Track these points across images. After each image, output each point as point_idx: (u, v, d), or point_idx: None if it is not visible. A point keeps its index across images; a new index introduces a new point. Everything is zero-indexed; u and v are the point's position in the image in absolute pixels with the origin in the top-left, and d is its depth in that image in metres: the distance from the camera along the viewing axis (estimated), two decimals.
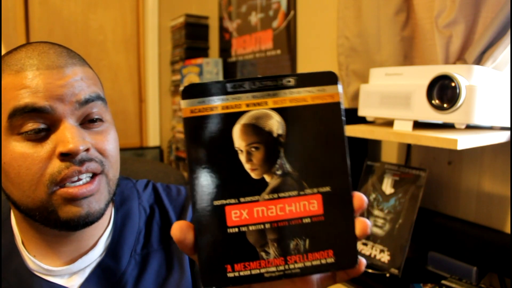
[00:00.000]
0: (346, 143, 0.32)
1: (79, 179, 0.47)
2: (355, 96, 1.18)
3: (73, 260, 0.53)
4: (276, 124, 0.32)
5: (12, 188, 0.47)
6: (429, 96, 0.80)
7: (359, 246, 1.07)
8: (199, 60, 1.92)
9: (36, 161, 0.45)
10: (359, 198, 0.32)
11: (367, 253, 1.04)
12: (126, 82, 2.47)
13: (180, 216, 0.62)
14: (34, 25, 2.17)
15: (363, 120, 1.01)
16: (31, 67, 0.47)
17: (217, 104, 0.31)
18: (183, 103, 0.31)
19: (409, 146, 1.13)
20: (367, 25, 1.11)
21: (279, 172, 0.32)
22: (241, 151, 0.32)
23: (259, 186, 0.32)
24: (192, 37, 2.10)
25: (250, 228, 0.31)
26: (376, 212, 1.06)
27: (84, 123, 0.49)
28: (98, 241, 0.55)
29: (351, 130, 0.98)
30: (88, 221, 0.48)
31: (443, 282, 0.90)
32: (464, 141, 0.75)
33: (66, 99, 0.47)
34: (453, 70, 0.78)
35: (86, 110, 0.49)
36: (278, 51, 1.64)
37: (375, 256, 1.03)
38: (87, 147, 0.47)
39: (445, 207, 1.07)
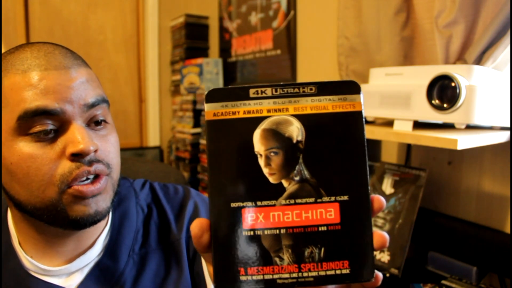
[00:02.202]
0: (366, 152, 0.32)
1: (87, 179, 0.48)
2: None
3: (71, 260, 0.53)
4: (296, 130, 0.32)
5: (19, 188, 0.47)
6: (429, 96, 0.80)
7: None
8: (199, 60, 1.92)
9: (46, 161, 0.46)
10: (378, 201, 0.32)
11: None
12: (126, 82, 2.47)
13: (178, 215, 0.62)
14: (34, 25, 2.17)
15: None
16: (39, 67, 0.47)
17: (239, 108, 0.32)
18: (207, 107, 0.32)
19: (409, 146, 1.13)
20: (367, 25, 1.11)
21: (297, 178, 0.32)
22: (261, 155, 0.32)
23: (276, 191, 0.32)
24: (192, 37, 2.10)
25: (266, 232, 0.31)
26: None
27: (89, 125, 0.50)
28: (96, 240, 0.55)
29: None
30: (96, 219, 0.49)
31: (443, 282, 0.90)
32: (464, 141, 0.75)
33: (74, 101, 0.47)
34: (453, 70, 0.78)
35: (92, 112, 0.49)
36: (278, 51, 1.64)
37: (375, 256, 1.03)
38: (96, 148, 0.48)
39: (445, 207, 1.07)
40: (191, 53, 2.09)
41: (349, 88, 0.33)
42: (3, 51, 2.14)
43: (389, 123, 0.97)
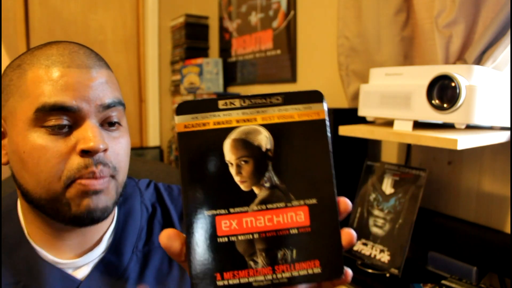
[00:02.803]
0: (331, 157, 0.34)
1: (93, 177, 0.49)
2: (355, 96, 1.18)
3: (78, 255, 0.54)
4: (264, 139, 0.34)
5: (28, 177, 0.49)
6: (429, 96, 0.80)
7: (359, 246, 1.07)
8: (199, 60, 1.92)
9: (57, 154, 0.47)
10: (344, 203, 0.34)
11: (367, 253, 1.05)
12: (126, 82, 2.47)
13: (182, 216, 0.63)
14: (34, 25, 2.17)
15: (363, 120, 1.01)
16: (62, 64, 0.49)
17: (209, 120, 0.34)
18: (177, 119, 0.33)
19: (409, 146, 1.13)
20: (367, 25, 1.11)
21: (267, 185, 0.33)
22: (231, 164, 0.33)
23: (248, 198, 0.33)
24: (192, 37, 2.10)
25: (239, 237, 0.32)
26: (376, 212, 1.06)
27: (103, 125, 0.51)
28: (102, 237, 0.56)
29: (351, 130, 0.98)
30: (95, 216, 0.50)
31: (443, 282, 0.90)
32: (464, 141, 0.76)
33: (91, 100, 0.49)
34: (453, 70, 0.78)
35: (107, 113, 0.51)
36: (278, 51, 1.64)
37: (375, 256, 1.03)
38: (106, 147, 0.49)
39: (445, 207, 1.07)
40: (191, 53, 2.09)
41: (313, 97, 0.35)
42: (3, 51, 2.14)
43: (389, 123, 0.97)
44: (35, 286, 0.50)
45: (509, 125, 0.85)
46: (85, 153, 0.48)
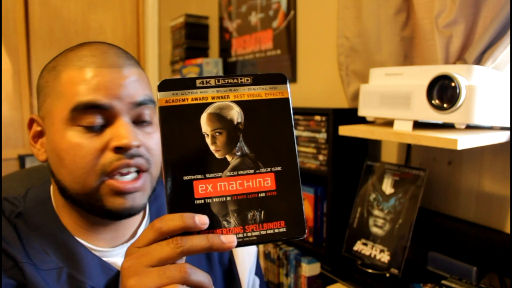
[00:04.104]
0: (294, 131, 0.39)
1: (128, 172, 0.51)
2: (355, 96, 1.18)
3: (111, 247, 0.56)
4: (236, 114, 0.38)
5: (65, 173, 0.51)
6: (429, 96, 0.80)
7: (359, 246, 1.07)
8: (199, 60, 1.92)
9: (91, 151, 0.50)
10: None
11: (367, 253, 1.05)
12: None
13: None
14: (34, 25, 2.17)
15: (363, 120, 1.01)
16: (94, 65, 0.51)
17: (188, 96, 0.38)
18: (160, 95, 0.37)
19: (409, 146, 1.13)
20: (367, 25, 1.11)
21: (238, 153, 0.38)
22: (207, 135, 0.38)
23: (222, 165, 0.37)
24: (192, 37, 2.10)
25: (214, 200, 0.36)
26: (376, 212, 1.06)
27: (136, 123, 0.53)
28: (136, 231, 0.59)
29: (351, 130, 0.98)
30: (131, 213, 0.52)
31: (443, 282, 0.90)
32: (464, 141, 0.76)
33: (123, 98, 0.51)
34: (453, 70, 0.78)
35: (139, 111, 0.53)
36: (278, 51, 1.64)
37: (375, 256, 1.03)
38: (139, 143, 0.51)
39: (445, 207, 1.07)
40: (191, 53, 2.09)
41: (278, 79, 0.40)
42: (3, 51, 2.13)
43: (389, 123, 0.97)
44: (77, 271, 0.52)
45: (509, 125, 0.85)
46: (119, 149, 0.49)
